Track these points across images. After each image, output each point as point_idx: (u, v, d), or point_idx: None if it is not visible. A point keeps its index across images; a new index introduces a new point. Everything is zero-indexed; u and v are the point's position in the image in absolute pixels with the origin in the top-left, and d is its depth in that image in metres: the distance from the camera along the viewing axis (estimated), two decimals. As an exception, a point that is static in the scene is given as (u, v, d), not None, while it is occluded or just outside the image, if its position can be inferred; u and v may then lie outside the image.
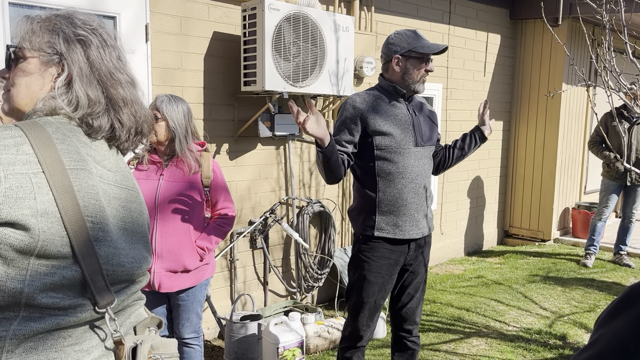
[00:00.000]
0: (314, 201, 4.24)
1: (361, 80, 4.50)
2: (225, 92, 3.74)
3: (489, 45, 6.01)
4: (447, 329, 4.02)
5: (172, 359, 1.08)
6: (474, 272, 5.48)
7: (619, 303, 0.69)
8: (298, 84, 3.63)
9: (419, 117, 2.56)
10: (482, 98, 6.04)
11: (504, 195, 6.66)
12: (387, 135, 2.46)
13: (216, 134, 3.71)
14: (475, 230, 6.29)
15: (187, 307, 2.55)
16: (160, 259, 2.42)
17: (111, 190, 1.03)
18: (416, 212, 2.50)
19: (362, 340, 2.59)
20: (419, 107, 2.62)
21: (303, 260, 4.25)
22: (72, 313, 0.94)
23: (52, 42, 1.01)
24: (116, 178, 1.05)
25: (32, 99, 1.01)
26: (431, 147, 2.59)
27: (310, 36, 3.64)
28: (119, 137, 1.07)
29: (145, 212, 1.15)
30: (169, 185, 2.45)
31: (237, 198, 3.89)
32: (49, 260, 0.90)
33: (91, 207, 0.96)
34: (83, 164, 0.97)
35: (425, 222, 2.54)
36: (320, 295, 4.55)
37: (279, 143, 4.10)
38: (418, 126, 2.53)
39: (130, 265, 1.04)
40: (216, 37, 3.63)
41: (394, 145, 2.46)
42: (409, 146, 2.49)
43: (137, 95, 1.10)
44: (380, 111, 2.48)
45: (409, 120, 2.51)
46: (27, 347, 0.91)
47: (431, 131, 2.59)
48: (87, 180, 0.97)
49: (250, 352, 3.40)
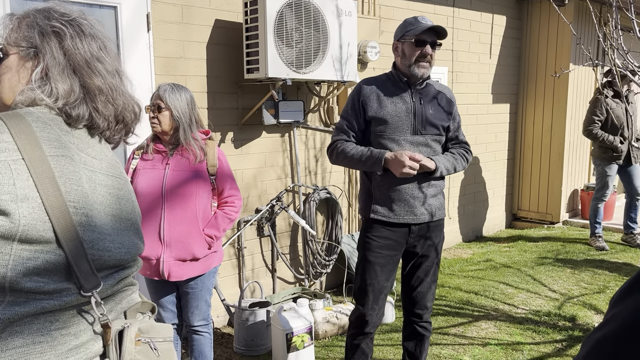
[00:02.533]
0: (320, 188, 4.24)
1: (365, 65, 4.47)
2: (229, 80, 3.72)
3: (494, 26, 5.94)
4: (456, 312, 4.02)
5: (164, 343, 1.08)
6: (482, 255, 5.47)
7: (633, 282, 0.69)
8: (301, 70, 3.60)
9: (427, 105, 2.53)
10: (488, 80, 5.99)
11: (511, 178, 6.62)
12: (383, 121, 2.49)
13: (220, 123, 3.70)
14: (483, 214, 6.27)
15: (196, 295, 2.57)
16: (168, 247, 2.44)
17: (96, 178, 1.04)
18: (411, 199, 2.51)
19: (368, 325, 2.59)
20: (432, 95, 2.57)
21: (310, 247, 4.26)
22: (57, 297, 0.95)
23: (29, 36, 1.04)
24: (102, 165, 1.07)
25: (14, 93, 1.04)
26: (436, 136, 2.54)
27: (313, 21, 3.61)
28: (98, 125, 1.09)
29: (133, 199, 1.15)
30: (175, 175, 2.45)
31: (244, 186, 3.90)
32: (32, 245, 0.92)
33: (73, 193, 0.97)
34: (64, 151, 0.99)
35: (423, 209, 2.52)
36: (328, 281, 4.57)
37: (283, 130, 4.09)
38: (420, 114, 2.51)
39: (118, 251, 1.05)
40: (218, 24, 3.61)
41: (388, 131, 2.49)
42: (405, 134, 2.50)
43: (116, 84, 1.10)
44: (380, 97, 2.52)
45: (409, 107, 2.51)
46: (12, 331, 0.93)
47: (439, 120, 2.54)
48: (68, 167, 0.98)
49: (260, 339, 3.43)
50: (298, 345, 3.23)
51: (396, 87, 2.53)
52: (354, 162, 2.51)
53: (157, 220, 2.44)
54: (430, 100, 2.55)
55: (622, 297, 0.70)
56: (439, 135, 2.55)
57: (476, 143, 5.91)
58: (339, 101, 4.40)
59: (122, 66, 1.14)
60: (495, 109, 6.15)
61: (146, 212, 2.41)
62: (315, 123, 4.32)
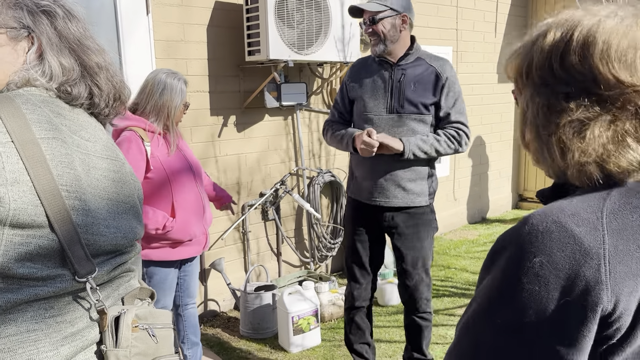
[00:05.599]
0: (324, 171, 4.22)
1: (368, 45, 4.41)
2: (230, 63, 3.68)
3: (499, 4, 5.84)
4: (462, 293, 4.01)
5: (163, 329, 1.05)
6: (488, 237, 5.45)
7: (488, 258, 0.74)
8: (303, 51, 3.56)
9: (409, 82, 2.43)
10: (494, 60, 5.90)
11: (517, 158, 6.57)
12: (362, 100, 2.51)
13: (223, 106, 3.67)
14: (489, 195, 6.23)
15: (196, 270, 2.65)
16: (205, 221, 2.52)
17: (90, 160, 1.01)
18: (385, 181, 2.46)
19: (356, 299, 2.65)
20: (419, 71, 2.45)
21: (315, 230, 4.25)
22: (50, 283, 0.93)
23: (17, 16, 1.01)
24: (96, 148, 1.04)
25: (6, 76, 1.01)
26: (415, 115, 2.43)
27: (314, 1, 3.55)
28: (98, 104, 1.07)
29: (132, 182, 1.12)
30: (186, 153, 2.51)
31: (247, 170, 3.88)
32: (24, 229, 0.89)
33: (65, 176, 0.94)
34: (55, 134, 0.96)
35: (399, 191, 2.46)
36: (334, 264, 4.57)
37: (286, 113, 4.05)
38: (397, 92, 2.44)
39: (113, 235, 1.02)
40: (218, 6, 3.56)
41: (364, 111, 2.51)
42: (380, 112, 2.47)
43: (110, 61, 1.10)
44: (359, 77, 2.54)
45: (386, 85, 2.46)
46: (5, 319, 0.90)
47: (420, 98, 2.42)
48: (60, 149, 0.95)
49: (266, 322, 3.43)
50: (304, 327, 3.23)
51: (380, 66, 2.50)
52: (336, 142, 2.58)
53: (197, 196, 2.47)
54: (414, 77, 2.44)
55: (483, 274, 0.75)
56: (419, 114, 2.43)
57: (481, 123, 5.85)
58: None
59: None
60: (501, 88, 6.08)
61: (187, 190, 2.44)
62: (318, 105, 4.28)
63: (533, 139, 0.80)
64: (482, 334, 0.71)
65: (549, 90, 0.76)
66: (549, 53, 0.76)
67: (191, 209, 2.42)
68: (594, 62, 0.71)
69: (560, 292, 0.66)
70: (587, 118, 0.72)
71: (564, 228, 0.68)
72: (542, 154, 0.79)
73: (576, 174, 0.75)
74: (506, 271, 0.70)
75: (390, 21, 2.39)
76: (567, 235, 0.68)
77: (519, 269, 0.68)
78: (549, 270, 0.66)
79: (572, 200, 0.72)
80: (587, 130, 0.72)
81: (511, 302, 0.68)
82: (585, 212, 0.69)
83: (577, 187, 0.77)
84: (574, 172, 0.75)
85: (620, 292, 0.66)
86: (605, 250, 0.67)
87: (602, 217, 0.69)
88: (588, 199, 0.72)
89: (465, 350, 0.73)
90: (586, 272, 0.66)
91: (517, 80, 0.83)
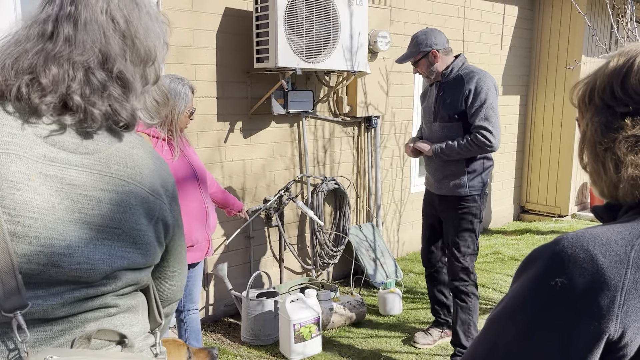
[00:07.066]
0: (328, 179, 4.22)
1: (375, 55, 4.43)
2: (238, 69, 3.70)
3: (506, 17, 5.86)
4: (463, 305, 4.01)
5: None
6: (490, 248, 5.45)
7: (523, 264, 0.80)
8: (311, 59, 3.57)
9: (446, 95, 3.03)
10: (499, 71, 5.93)
11: (520, 170, 6.58)
12: (422, 112, 3.30)
13: (229, 112, 3.68)
14: (491, 206, 6.24)
15: (200, 274, 2.67)
16: (208, 227, 2.52)
17: (66, 175, 0.88)
18: (431, 175, 3.19)
19: (425, 267, 3.40)
20: (454, 84, 3.01)
21: (318, 238, 4.25)
22: None
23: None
24: (83, 162, 0.90)
25: None
26: (446, 123, 3.02)
27: (324, 10, 3.57)
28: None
29: (129, 203, 0.94)
30: (192, 159, 2.52)
31: (252, 176, 3.88)
32: None
33: (9, 198, 0.83)
34: (10, 147, 0.85)
35: (440, 184, 3.10)
36: (336, 272, 4.57)
37: (292, 120, 4.07)
38: (438, 105, 3.07)
39: (75, 267, 0.88)
40: (228, 13, 3.58)
41: (424, 120, 3.27)
42: (428, 122, 3.19)
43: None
44: (424, 95, 3.29)
45: (432, 101, 3.13)
46: None
47: (451, 109, 2.99)
48: (9, 167, 0.84)
49: (267, 329, 3.43)
50: (305, 335, 3.23)
51: (432, 86, 3.17)
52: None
53: (200, 202, 2.48)
54: (450, 90, 3.02)
55: (514, 279, 0.81)
56: (449, 122, 3.01)
57: (485, 135, 5.85)
58: (348, 91, 4.37)
59: None
60: (505, 100, 6.10)
61: (190, 196, 2.44)
62: (324, 113, 4.29)
63: (590, 159, 0.86)
64: (502, 331, 0.77)
65: (610, 111, 0.82)
66: (611, 77, 0.82)
67: (194, 215, 2.43)
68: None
69: (573, 313, 0.71)
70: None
71: (590, 256, 0.72)
72: (597, 173, 0.85)
73: (629, 188, 0.79)
74: (530, 283, 0.76)
75: (424, 62, 3.04)
76: (592, 263, 0.72)
77: (541, 284, 0.74)
78: (567, 291, 0.71)
79: (610, 229, 0.76)
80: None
81: (529, 311, 0.74)
82: (616, 245, 0.73)
83: (625, 211, 0.81)
84: (627, 186, 0.79)
85: (629, 325, 0.70)
86: (625, 285, 0.70)
87: (631, 252, 0.72)
88: (624, 231, 0.75)
89: (488, 341, 0.80)
90: (601, 301, 0.70)
91: (580, 105, 0.89)
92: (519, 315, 0.76)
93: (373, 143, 4.67)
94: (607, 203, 0.86)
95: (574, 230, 0.78)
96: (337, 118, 4.37)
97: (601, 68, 0.85)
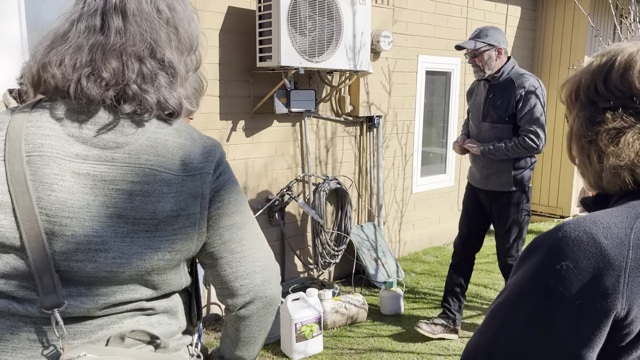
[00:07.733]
0: (330, 178, 4.22)
1: (378, 54, 4.43)
2: (241, 68, 3.70)
3: (508, 17, 5.86)
4: (466, 305, 4.00)
5: None
6: (491, 248, 5.43)
7: (523, 254, 0.82)
8: (314, 59, 3.57)
9: (497, 96, 3.15)
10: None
11: (522, 171, 6.57)
12: (470, 111, 3.41)
13: (232, 111, 3.69)
14: (492, 207, 6.23)
15: (200, 273, 2.64)
16: None
17: (98, 171, 0.89)
18: (477, 171, 3.34)
19: (455, 255, 3.51)
20: (505, 86, 3.13)
21: (320, 237, 4.25)
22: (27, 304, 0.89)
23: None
24: (114, 156, 0.90)
25: None
26: (496, 124, 3.16)
27: (327, 10, 3.57)
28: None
29: (161, 192, 0.91)
30: None
31: (254, 175, 3.89)
32: (4, 249, 0.86)
33: (45, 199, 0.86)
34: (44, 149, 0.87)
35: (487, 180, 3.27)
36: (337, 271, 4.56)
37: (295, 119, 4.07)
38: (488, 106, 3.20)
39: (111, 261, 0.88)
40: (231, 12, 3.58)
41: (471, 118, 3.38)
42: (477, 120, 3.31)
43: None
44: (471, 93, 3.41)
45: (482, 99, 3.25)
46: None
47: (501, 110, 3.13)
48: (44, 169, 0.86)
49: (269, 328, 3.43)
50: (307, 334, 3.23)
51: (481, 86, 3.28)
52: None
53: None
54: (501, 92, 3.14)
55: (515, 269, 0.83)
56: (500, 123, 3.15)
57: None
58: (350, 91, 4.37)
59: None
60: (508, 101, 6.09)
61: None
62: (326, 112, 4.29)
63: (577, 152, 0.92)
64: (506, 320, 0.79)
65: (594, 106, 0.88)
66: (595, 75, 0.88)
67: None
68: (632, 80, 0.83)
69: (580, 295, 0.74)
70: (622, 127, 0.84)
71: (593, 239, 0.76)
72: (584, 164, 0.90)
73: (611, 177, 0.84)
74: (536, 269, 0.78)
75: (488, 54, 3.12)
76: (595, 246, 0.75)
77: (548, 269, 0.77)
78: (573, 274, 0.75)
79: (608, 214, 0.79)
80: (622, 137, 0.83)
81: (535, 297, 0.77)
82: (616, 227, 0.77)
83: (616, 200, 0.85)
84: (609, 175, 0.84)
85: (634, 303, 0.74)
86: (627, 264, 0.74)
87: (631, 233, 0.76)
88: (622, 215, 0.79)
89: (491, 332, 0.81)
90: (606, 281, 0.74)
91: (567, 102, 0.96)
92: (526, 302, 0.77)
93: (375, 143, 4.67)
94: (597, 194, 0.90)
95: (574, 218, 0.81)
96: (339, 117, 4.37)
97: (586, 67, 0.91)
